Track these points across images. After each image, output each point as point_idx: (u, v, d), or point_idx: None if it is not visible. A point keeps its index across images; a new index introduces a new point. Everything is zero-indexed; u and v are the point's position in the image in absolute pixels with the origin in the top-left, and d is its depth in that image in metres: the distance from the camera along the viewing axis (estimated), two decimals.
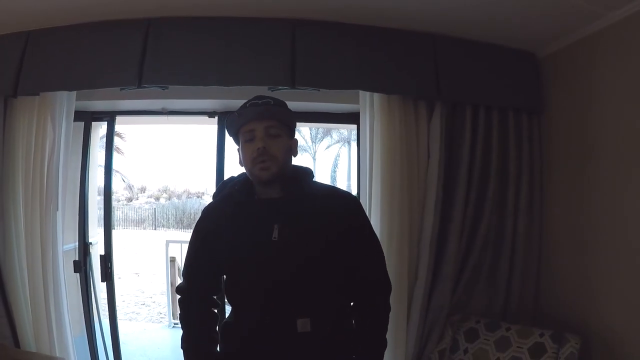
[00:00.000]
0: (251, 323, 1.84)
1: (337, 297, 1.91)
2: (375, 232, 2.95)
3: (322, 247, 1.82)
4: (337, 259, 1.86)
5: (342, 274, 1.92)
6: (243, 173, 1.97)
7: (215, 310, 2.01)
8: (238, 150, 1.92)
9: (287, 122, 1.88)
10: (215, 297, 2.03)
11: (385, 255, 2.88)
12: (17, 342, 3.06)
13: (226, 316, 2.04)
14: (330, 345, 1.84)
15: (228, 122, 1.90)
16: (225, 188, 1.98)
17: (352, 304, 1.99)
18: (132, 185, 33.57)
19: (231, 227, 1.87)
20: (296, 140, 1.96)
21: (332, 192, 2.00)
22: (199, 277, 1.96)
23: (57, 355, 3.03)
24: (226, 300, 2.04)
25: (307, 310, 1.79)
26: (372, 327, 1.95)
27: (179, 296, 2.00)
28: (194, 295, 1.97)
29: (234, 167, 2.07)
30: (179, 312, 2.01)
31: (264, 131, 1.79)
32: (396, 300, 2.94)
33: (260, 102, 1.84)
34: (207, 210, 2.00)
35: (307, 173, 1.97)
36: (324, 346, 1.82)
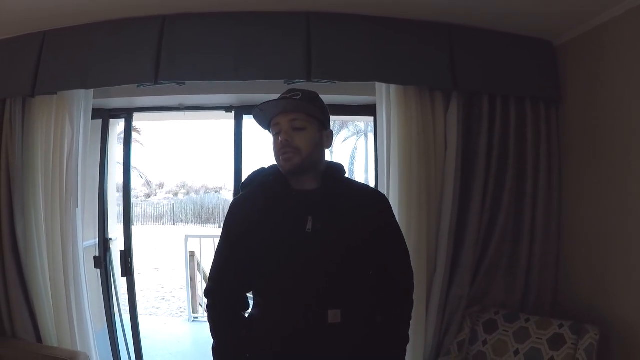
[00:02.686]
0: (281, 314, 1.82)
1: (366, 291, 1.92)
2: None
3: (353, 240, 1.83)
4: (367, 253, 1.87)
5: (371, 268, 1.94)
6: (275, 164, 1.96)
7: (245, 314, 1.96)
8: None
9: (315, 115, 1.86)
10: (246, 295, 1.96)
11: None
12: (39, 337, 3.11)
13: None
14: (359, 337, 1.84)
15: (254, 116, 1.90)
16: (257, 179, 1.96)
17: (377, 299, 2.00)
18: (150, 182, 33.79)
19: (264, 221, 1.84)
20: (330, 132, 1.95)
21: (364, 189, 2.05)
22: (230, 277, 1.90)
23: (79, 349, 3.07)
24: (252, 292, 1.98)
25: (338, 301, 1.79)
26: (397, 323, 1.98)
27: (208, 300, 1.92)
28: (226, 298, 1.90)
29: (251, 161, 2.05)
30: (207, 317, 1.94)
31: (289, 124, 1.80)
32: (415, 290, 2.92)
33: (288, 95, 1.85)
34: (237, 205, 1.96)
35: (340, 169, 1.98)
36: (352, 338, 1.82)
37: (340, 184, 1.93)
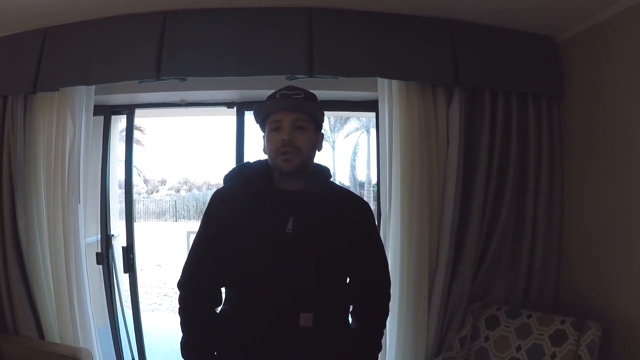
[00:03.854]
0: (252, 313, 1.80)
1: (340, 295, 1.92)
2: (396, 220, 2.95)
3: (333, 245, 1.82)
4: (345, 260, 1.87)
5: (348, 275, 1.94)
6: (261, 160, 1.95)
7: (217, 310, 1.92)
8: (263, 137, 1.90)
9: (315, 116, 1.86)
10: (220, 290, 1.92)
11: (405, 242, 2.88)
12: (41, 334, 3.11)
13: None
14: (331, 341, 1.83)
15: (256, 110, 1.87)
16: (245, 172, 1.93)
17: (351, 305, 2.00)
18: (148, 180, 33.77)
19: (246, 217, 1.82)
20: (322, 135, 1.95)
21: (348, 194, 2.03)
22: (205, 270, 1.86)
23: (81, 346, 3.07)
24: (223, 289, 1.94)
25: (311, 305, 1.78)
26: (371, 332, 1.97)
27: (180, 293, 1.86)
28: (203, 291, 1.85)
29: (253, 158, 2.03)
30: (178, 310, 1.86)
31: (291, 123, 1.78)
32: (417, 287, 2.94)
33: (290, 93, 1.83)
34: (220, 196, 1.93)
35: (326, 172, 1.97)
36: (324, 343, 1.80)
37: (325, 188, 1.92)
